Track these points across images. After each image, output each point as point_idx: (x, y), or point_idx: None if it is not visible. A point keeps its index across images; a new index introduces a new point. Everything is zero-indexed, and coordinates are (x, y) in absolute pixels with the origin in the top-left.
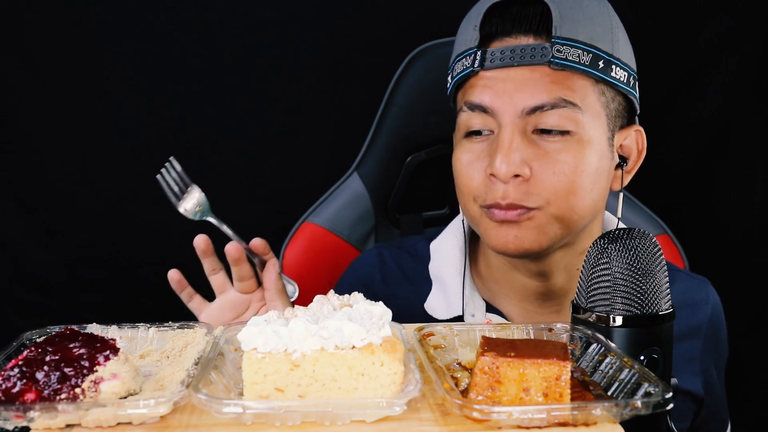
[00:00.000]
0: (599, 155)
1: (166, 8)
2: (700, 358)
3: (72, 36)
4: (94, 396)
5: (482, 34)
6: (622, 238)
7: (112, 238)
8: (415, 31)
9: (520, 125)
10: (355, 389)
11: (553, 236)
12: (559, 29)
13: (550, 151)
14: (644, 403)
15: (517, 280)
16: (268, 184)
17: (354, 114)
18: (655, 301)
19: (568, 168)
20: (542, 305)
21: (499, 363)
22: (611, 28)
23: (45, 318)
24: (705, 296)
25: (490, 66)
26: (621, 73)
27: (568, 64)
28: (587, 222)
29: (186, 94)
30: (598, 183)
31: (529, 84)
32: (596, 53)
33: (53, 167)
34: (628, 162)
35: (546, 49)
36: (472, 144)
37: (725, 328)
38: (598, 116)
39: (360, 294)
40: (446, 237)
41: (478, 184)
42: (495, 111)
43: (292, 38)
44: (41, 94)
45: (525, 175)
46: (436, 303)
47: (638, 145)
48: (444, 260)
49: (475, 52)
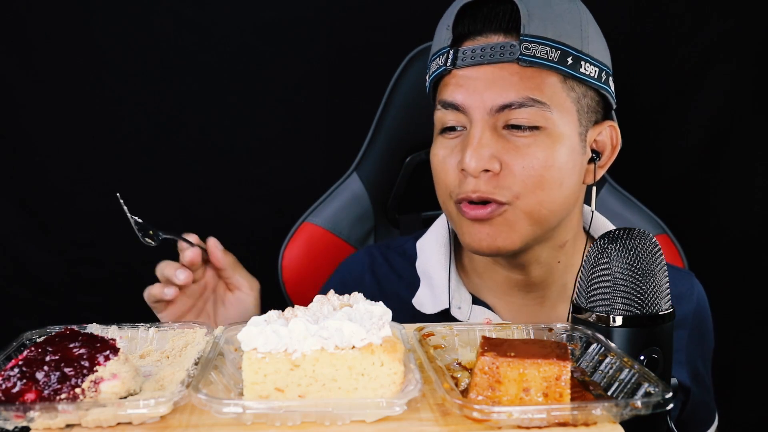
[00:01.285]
0: (570, 150)
1: (166, 8)
2: (685, 348)
3: (72, 36)
4: (94, 396)
5: (455, 33)
6: (622, 238)
7: (112, 238)
8: (415, 31)
9: (490, 122)
10: (355, 389)
11: (525, 234)
12: (527, 27)
13: (520, 145)
14: (644, 403)
15: (498, 272)
16: (268, 184)
17: (353, 114)
18: (655, 301)
19: (537, 162)
20: (525, 296)
21: (499, 363)
22: (581, 25)
23: (45, 318)
24: (690, 288)
25: (461, 64)
26: (591, 68)
27: (536, 61)
28: (559, 218)
29: (186, 94)
30: (568, 178)
31: (498, 82)
32: (564, 50)
33: (53, 167)
34: (602, 157)
35: (514, 47)
36: (447, 140)
37: (710, 319)
38: (568, 112)
39: (360, 294)
40: (431, 234)
41: (452, 179)
42: (466, 108)
43: (292, 38)
44: (41, 95)
45: (494, 170)
46: (424, 298)
47: (612, 140)
48: (429, 257)
49: (448, 52)
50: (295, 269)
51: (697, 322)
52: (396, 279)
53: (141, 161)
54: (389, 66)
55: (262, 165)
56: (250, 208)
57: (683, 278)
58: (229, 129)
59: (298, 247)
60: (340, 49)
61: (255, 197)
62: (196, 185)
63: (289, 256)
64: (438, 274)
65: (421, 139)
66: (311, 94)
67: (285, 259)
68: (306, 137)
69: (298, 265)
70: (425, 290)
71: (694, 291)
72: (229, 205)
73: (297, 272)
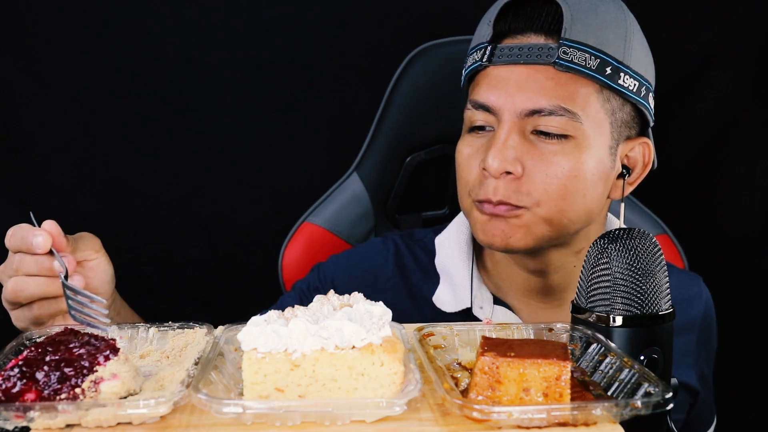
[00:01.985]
0: (597, 162)
1: (167, 9)
2: (694, 351)
3: (73, 37)
4: (94, 396)
5: (495, 30)
6: (622, 238)
7: (112, 239)
8: (415, 31)
9: (518, 124)
10: (355, 389)
11: (541, 237)
12: (569, 31)
13: (546, 153)
14: (644, 403)
15: (518, 275)
16: (268, 184)
17: (354, 114)
18: (655, 301)
19: (561, 171)
20: (543, 300)
21: (499, 363)
22: (625, 36)
23: None
24: (698, 291)
25: (497, 62)
26: (631, 81)
27: (573, 66)
28: (580, 226)
29: (186, 94)
30: (593, 189)
31: (531, 85)
32: (604, 59)
33: (54, 167)
34: (632, 173)
35: (552, 50)
36: (474, 138)
37: (716, 323)
38: (600, 123)
39: (360, 294)
40: (451, 232)
41: (473, 178)
42: (496, 109)
43: (292, 38)
44: (42, 95)
45: (516, 173)
46: (445, 296)
47: (644, 158)
48: (450, 255)
49: (486, 47)
50: (296, 269)
51: (705, 325)
52: (420, 273)
53: (141, 161)
54: (389, 66)
55: (262, 165)
56: (250, 208)
57: (692, 282)
58: (229, 129)
59: (298, 247)
60: (341, 50)
61: (255, 197)
62: (196, 185)
63: (290, 256)
64: (459, 272)
65: (421, 139)
66: (311, 94)
67: (285, 258)
68: (306, 137)
69: (298, 265)
70: (445, 288)
71: (702, 294)
72: (229, 205)
73: (297, 272)
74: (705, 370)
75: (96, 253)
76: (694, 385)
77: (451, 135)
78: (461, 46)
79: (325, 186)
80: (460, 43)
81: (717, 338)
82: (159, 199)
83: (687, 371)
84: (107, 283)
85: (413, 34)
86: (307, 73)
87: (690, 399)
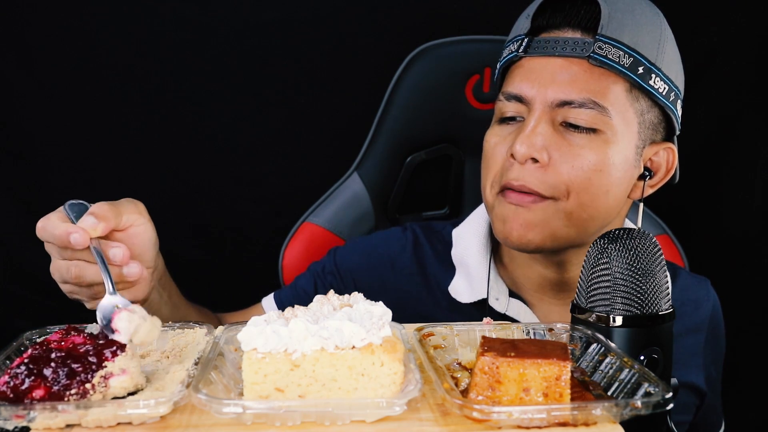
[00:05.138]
0: (623, 160)
1: (167, 9)
2: (702, 353)
3: (73, 37)
4: (104, 391)
5: (533, 24)
6: (622, 238)
7: None
8: (415, 31)
9: (549, 114)
10: (355, 389)
11: (558, 233)
12: (605, 28)
13: (574, 145)
14: (644, 403)
15: (535, 269)
16: (268, 184)
17: (354, 114)
18: (655, 301)
19: (587, 164)
20: (557, 295)
21: (499, 363)
22: (659, 38)
23: (45, 318)
24: (706, 293)
25: (533, 53)
26: (661, 84)
27: (606, 62)
28: (598, 225)
29: (186, 94)
30: (616, 187)
31: (564, 75)
32: (637, 58)
33: (54, 168)
34: (654, 176)
35: (588, 44)
36: (503, 128)
37: (723, 325)
38: (629, 122)
39: (360, 294)
40: (469, 224)
41: (499, 165)
42: (528, 99)
43: (293, 39)
44: (42, 95)
45: (542, 161)
46: (460, 287)
47: (668, 163)
48: (468, 246)
49: (522, 39)
50: (296, 269)
51: (713, 327)
52: (437, 263)
53: (141, 161)
54: (390, 66)
55: (262, 165)
56: (250, 208)
57: (700, 284)
58: (229, 129)
59: (298, 247)
60: (341, 50)
61: (255, 197)
62: (197, 185)
63: (290, 256)
64: (476, 264)
65: (421, 139)
66: (312, 95)
67: (285, 258)
68: (306, 137)
69: (298, 265)
70: (461, 279)
71: (710, 297)
72: (230, 205)
73: (297, 272)
74: (713, 372)
75: (140, 217)
76: (702, 387)
77: (451, 135)
78: (461, 46)
79: (326, 186)
80: (461, 43)
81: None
82: (159, 198)
83: (695, 372)
84: (150, 249)
85: (414, 35)
86: (308, 73)
87: (697, 401)
